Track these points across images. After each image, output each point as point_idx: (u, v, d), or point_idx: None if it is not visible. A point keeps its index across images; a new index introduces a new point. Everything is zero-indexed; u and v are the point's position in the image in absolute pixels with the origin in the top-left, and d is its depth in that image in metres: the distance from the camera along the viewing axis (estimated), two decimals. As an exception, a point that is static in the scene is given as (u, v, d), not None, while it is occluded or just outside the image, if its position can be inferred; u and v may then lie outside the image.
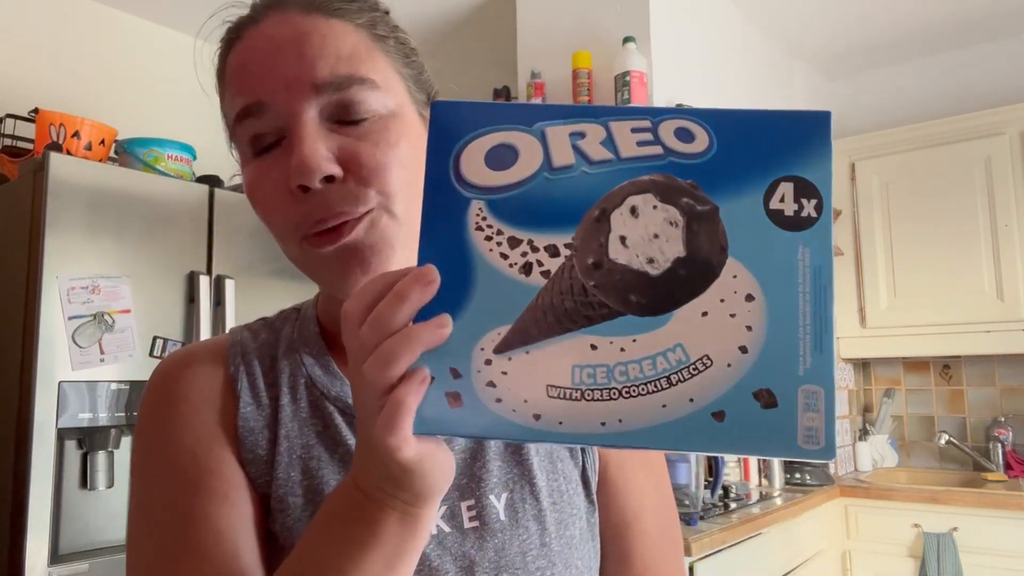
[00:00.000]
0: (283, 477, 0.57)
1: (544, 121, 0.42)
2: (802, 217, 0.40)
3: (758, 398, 0.39)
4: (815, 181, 0.40)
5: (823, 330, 0.39)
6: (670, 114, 0.41)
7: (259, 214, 0.57)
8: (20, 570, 1.63)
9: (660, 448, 0.39)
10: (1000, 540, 2.54)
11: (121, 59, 2.74)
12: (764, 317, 0.39)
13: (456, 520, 0.58)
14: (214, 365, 0.60)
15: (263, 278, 2.14)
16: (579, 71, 2.32)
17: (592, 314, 0.40)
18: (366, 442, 0.42)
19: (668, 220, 0.40)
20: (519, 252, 0.40)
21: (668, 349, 0.39)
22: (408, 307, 0.39)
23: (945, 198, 3.00)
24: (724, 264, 0.39)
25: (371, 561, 0.45)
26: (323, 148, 0.52)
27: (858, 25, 3.03)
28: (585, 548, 0.63)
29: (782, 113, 0.41)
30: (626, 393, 0.39)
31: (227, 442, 0.57)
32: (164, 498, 0.55)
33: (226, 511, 0.54)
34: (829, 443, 0.38)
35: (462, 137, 0.42)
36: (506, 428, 0.40)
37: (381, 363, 0.39)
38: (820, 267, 0.39)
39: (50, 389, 1.70)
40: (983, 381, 3.14)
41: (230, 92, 0.56)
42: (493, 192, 0.41)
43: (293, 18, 0.55)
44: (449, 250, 0.41)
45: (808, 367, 0.39)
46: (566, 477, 0.63)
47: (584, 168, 0.41)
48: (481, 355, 0.40)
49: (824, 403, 0.38)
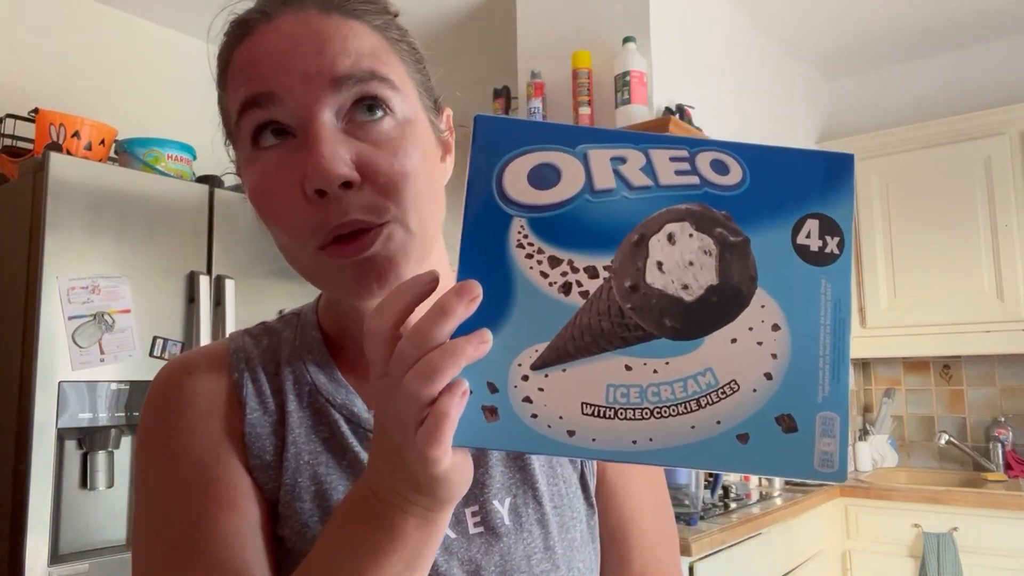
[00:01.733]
0: (291, 483, 0.57)
1: (586, 144, 0.43)
2: (826, 253, 0.42)
3: (780, 423, 0.41)
4: (838, 220, 0.43)
5: (840, 360, 0.41)
6: (707, 146, 0.43)
7: (264, 217, 0.54)
8: (20, 570, 1.63)
9: (687, 467, 0.41)
10: (1000, 540, 2.54)
11: (121, 59, 2.74)
12: (788, 346, 0.41)
13: (461, 526, 0.58)
14: (217, 372, 0.60)
15: (263, 278, 2.14)
16: (579, 71, 2.32)
17: (628, 336, 0.41)
18: (394, 450, 0.42)
19: (703, 249, 0.42)
20: (559, 272, 0.42)
21: (699, 373, 0.41)
22: (451, 322, 0.40)
23: (945, 198, 3.00)
24: (754, 294, 0.41)
25: (390, 566, 0.45)
26: (343, 151, 0.50)
27: (858, 25, 3.03)
28: (586, 550, 0.64)
29: (810, 153, 0.43)
30: (658, 413, 0.41)
31: (233, 449, 0.57)
32: (172, 506, 0.55)
33: (234, 518, 0.54)
34: (842, 467, 0.40)
35: (506, 154, 0.42)
36: (541, 443, 0.41)
37: (424, 376, 0.39)
38: (840, 301, 0.42)
39: (50, 389, 1.70)
40: (983, 381, 3.14)
41: (235, 85, 0.54)
42: (536, 211, 0.42)
43: (312, 17, 0.53)
44: (490, 265, 0.41)
45: (827, 395, 0.41)
46: (566, 481, 0.64)
47: (624, 193, 0.42)
48: (518, 371, 0.41)
49: (840, 429, 0.41)
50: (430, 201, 0.55)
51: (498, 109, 2.59)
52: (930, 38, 3.16)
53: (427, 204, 0.55)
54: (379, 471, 0.45)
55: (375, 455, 0.45)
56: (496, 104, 2.60)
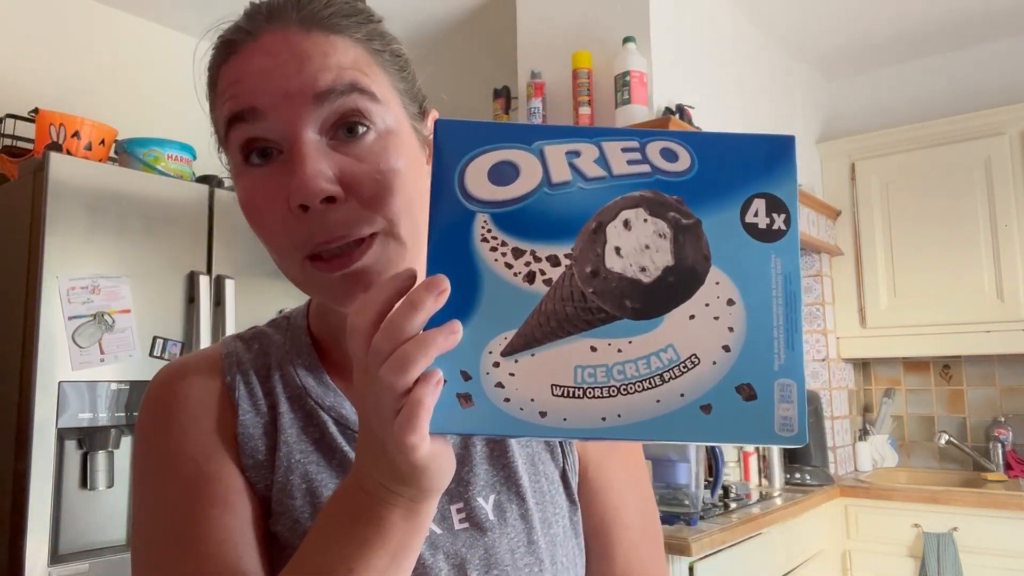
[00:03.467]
0: (283, 481, 0.58)
1: (542, 140, 0.45)
2: (773, 230, 0.44)
3: (740, 392, 0.43)
4: (784, 197, 0.45)
5: (794, 330, 0.44)
6: (656, 136, 0.45)
7: (255, 229, 0.57)
8: (20, 570, 1.63)
9: (655, 439, 0.43)
10: (1000, 540, 2.54)
11: (121, 59, 2.74)
12: (744, 319, 0.44)
13: (447, 522, 0.60)
14: (210, 376, 0.62)
15: (263, 278, 2.14)
16: (579, 71, 2.32)
17: (591, 318, 0.44)
18: (377, 443, 0.44)
19: (657, 232, 0.44)
20: (523, 262, 0.44)
21: (660, 349, 0.43)
22: (422, 314, 0.42)
23: (945, 198, 3.00)
24: (708, 272, 0.44)
25: (377, 558, 0.47)
26: (325, 168, 0.52)
27: (858, 25, 3.03)
28: (568, 545, 0.65)
29: (753, 137, 0.45)
30: (624, 390, 0.43)
31: (226, 449, 0.58)
32: (167, 505, 0.57)
33: (227, 515, 0.56)
34: (801, 430, 0.43)
35: (466, 154, 0.45)
36: (515, 425, 0.43)
37: (398, 367, 0.41)
38: (790, 274, 0.44)
39: (50, 389, 1.70)
40: (983, 381, 3.14)
41: (221, 101, 0.56)
42: (497, 206, 0.44)
43: (293, 35, 0.54)
44: (457, 260, 0.44)
45: (782, 363, 0.43)
46: (547, 478, 0.66)
47: (580, 184, 0.45)
48: (489, 358, 0.43)
49: (796, 394, 0.43)
50: (418, 206, 0.57)
51: (498, 109, 2.59)
52: (930, 38, 3.16)
53: (415, 210, 0.56)
54: (364, 465, 0.46)
55: (360, 450, 0.47)
56: (496, 104, 2.60)
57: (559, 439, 0.67)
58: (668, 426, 0.43)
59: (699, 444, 2.01)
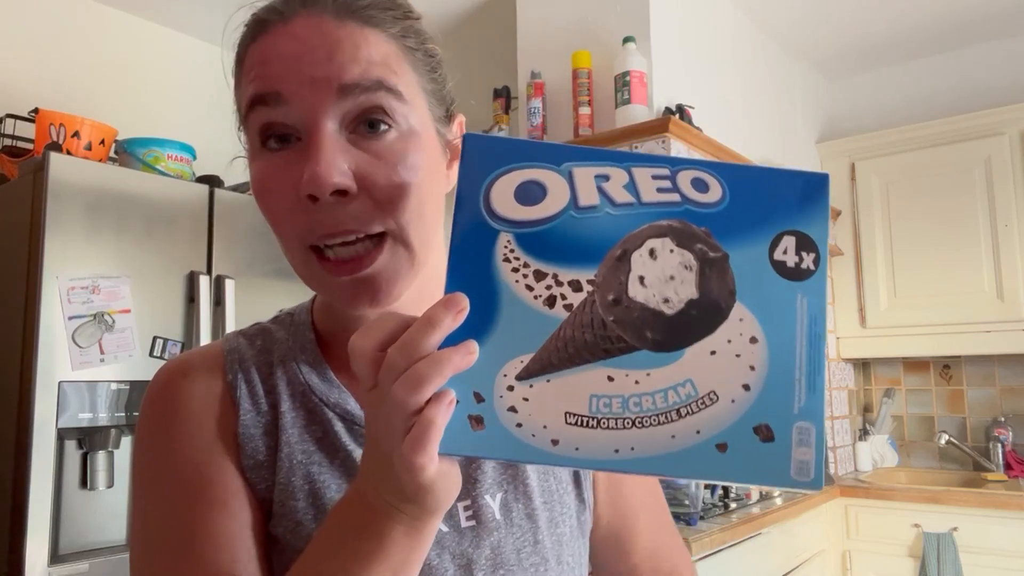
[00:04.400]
0: (284, 482, 0.57)
1: (571, 162, 0.44)
2: (802, 269, 0.43)
3: (758, 432, 0.42)
4: (814, 237, 0.44)
5: (816, 372, 0.43)
6: (688, 164, 0.45)
7: (263, 212, 0.56)
8: (20, 570, 1.62)
9: (668, 475, 0.42)
10: (1000, 540, 2.54)
11: (121, 59, 2.74)
12: (766, 358, 0.43)
13: (453, 520, 0.60)
14: (211, 374, 0.61)
15: (263, 278, 2.14)
16: (579, 71, 2.32)
17: (610, 347, 0.43)
18: (383, 459, 0.43)
19: (683, 264, 0.43)
20: (544, 285, 0.43)
21: (679, 384, 0.43)
22: (438, 333, 0.41)
23: (945, 198, 3.00)
24: (732, 308, 0.43)
25: (378, 572, 0.46)
26: (340, 161, 0.51)
27: (858, 25, 3.03)
28: (575, 545, 0.66)
29: (788, 172, 0.45)
30: (639, 423, 0.42)
31: (227, 450, 0.58)
32: (165, 508, 0.56)
33: (225, 519, 0.55)
34: (818, 476, 0.42)
35: (493, 171, 0.44)
36: (525, 452, 0.42)
37: (411, 385, 0.40)
38: (816, 315, 0.43)
39: (50, 389, 1.70)
40: (983, 381, 3.14)
41: (246, 80, 0.55)
42: (521, 226, 0.44)
43: (326, 22, 0.53)
44: (477, 279, 0.43)
45: (803, 405, 0.42)
46: (556, 477, 0.66)
47: (608, 209, 0.44)
48: (504, 381, 0.43)
49: (815, 439, 0.42)
50: (429, 211, 0.56)
51: (498, 109, 2.59)
52: (930, 38, 3.16)
53: (426, 214, 0.55)
54: (369, 479, 0.46)
55: (365, 463, 0.46)
56: (496, 104, 2.60)
57: (570, 468, 0.67)
58: (682, 463, 0.42)
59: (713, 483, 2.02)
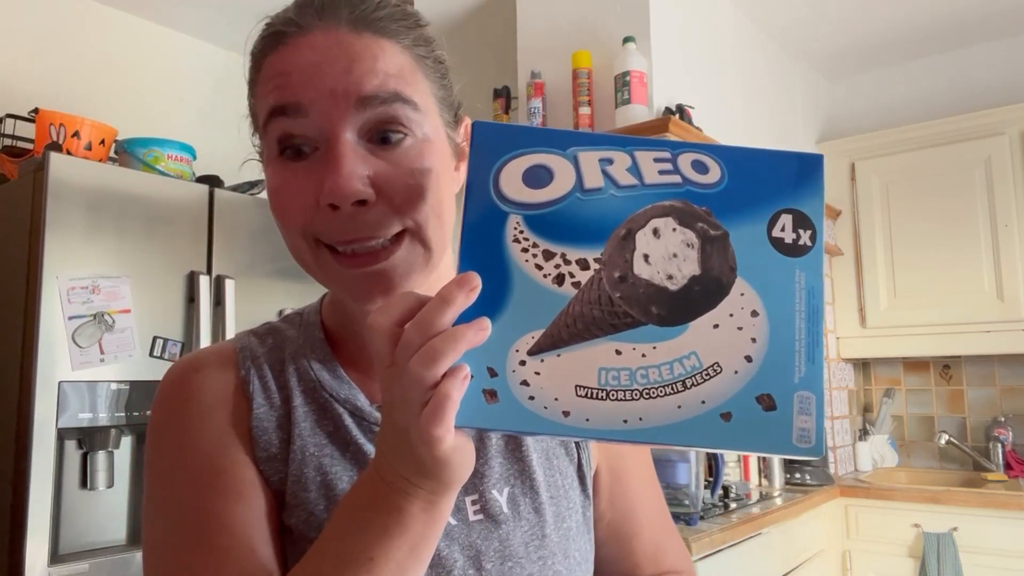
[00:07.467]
0: (297, 474, 0.59)
1: (576, 146, 0.46)
2: (799, 245, 0.45)
3: (760, 402, 0.44)
4: (810, 214, 0.46)
5: (815, 344, 0.44)
6: (688, 148, 0.46)
7: (276, 215, 0.57)
8: (20, 570, 1.62)
9: (675, 444, 0.44)
10: (1000, 540, 2.54)
11: (121, 59, 2.74)
12: (767, 331, 0.44)
13: (461, 513, 0.61)
14: (224, 369, 0.62)
15: (263, 278, 2.14)
16: (579, 71, 2.32)
17: (617, 323, 0.45)
18: (400, 435, 0.45)
19: (685, 242, 0.45)
20: (552, 264, 0.45)
21: (684, 356, 0.44)
22: (453, 310, 0.43)
23: (945, 198, 3.00)
24: (733, 283, 0.45)
25: (396, 548, 0.48)
26: (360, 170, 0.53)
27: (858, 25, 3.03)
28: (582, 540, 0.67)
29: (783, 153, 0.46)
30: (647, 394, 0.44)
31: (240, 442, 0.59)
32: (180, 499, 0.57)
33: (240, 508, 0.56)
34: (819, 442, 0.43)
35: (502, 156, 0.46)
36: (538, 423, 0.44)
37: (427, 360, 0.42)
38: (814, 289, 0.45)
39: (50, 389, 1.70)
40: (983, 381, 3.14)
41: (264, 91, 0.56)
42: (530, 208, 0.45)
43: (343, 35, 0.55)
44: (489, 259, 0.45)
45: (803, 375, 0.44)
46: (562, 473, 0.68)
47: (612, 191, 0.46)
48: (516, 356, 0.44)
49: (816, 408, 0.44)
50: (444, 212, 0.58)
51: (498, 109, 2.59)
52: (930, 38, 3.16)
53: (443, 214, 0.58)
54: (386, 456, 0.47)
55: (382, 441, 0.48)
56: (496, 104, 2.60)
57: (581, 439, 0.69)
58: (688, 432, 0.43)
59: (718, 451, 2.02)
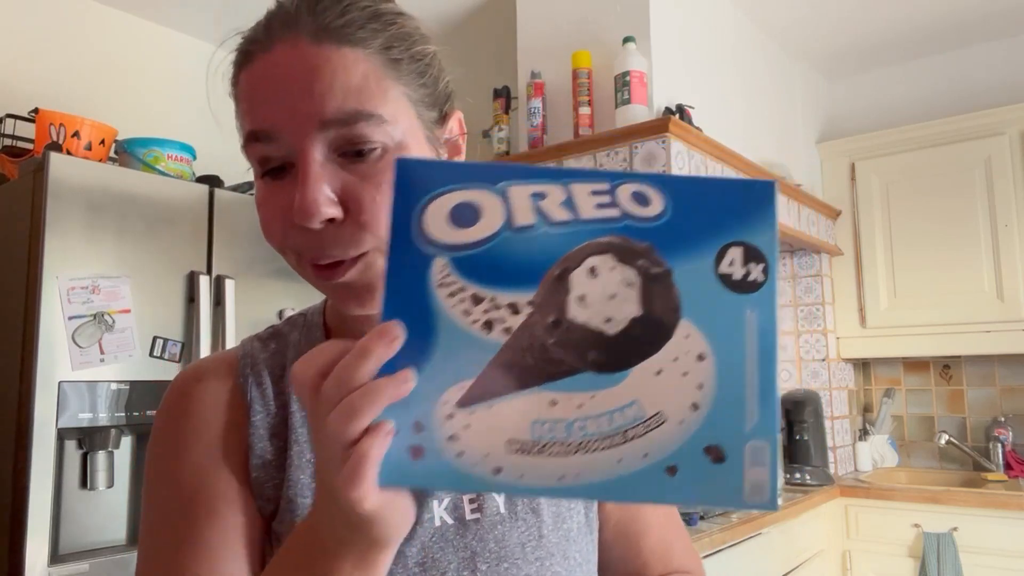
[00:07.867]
0: (294, 479, 0.60)
1: (507, 181, 0.43)
2: (749, 281, 0.41)
3: (708, 453, 0.40)
4: (762, 247, 0.42)
5: (768, 388, 0.41)
6: (628, 178, 0.43)
7: (262, 230, 0.59)
8: (20, 570, 1.62)
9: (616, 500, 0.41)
10: (1000, 540, 2.54)
11: (121, 59, 2.74)
12: (714, 376, 0.41)
13: (458, 512, 0.61)
14: (224, 377, 0.64)
15: (263, 278, 2.14)
16: (579, 71, 2.32)
17: (552, 370, 0.41)
18: (327, 491, 0.43)
19: (625, 281, 0.41)
20: (481, 309, 0.42)
21: (625, 405, 0.41)
22: (371, 363, 0.40)
23: (945, 198, 3.00)
24: (677, 324, 0.41)
25: None
26: (326, 189, 0.53)
27: (858, 25, 3.03)
28: (583, 542, 0.67)
29: (731, 181, 0.42)
30: (584, 448, 0.41)
31: (233, 452, 0.60)
32: (162, 513, 0.59)
33: (214, 527, 0.57)
34: (773, 496, 0.40)
35: (426, 195, 0.42)
36: (468, 481, 0.41)
37: (344, 417, 0.39)
38: (766, 329, 0.41)
39: (50, 389, 1.70)
40: (983, 381, 3.14)
41: (241, 109, 0.57)
42: (457, 249, 0.42)
43: (303, 48, 0.54)
44: (412, 306, 0.41)
45: (755, 423, 0.40)
46: None
47: (545, 228, 0.42)
48: (444, 409, 0.41)
49: (769, 457, 0.40)
50: None
51: (498, 109, 2.59)
52: (930, 38, 3.16)
53: None
54: (319, 510, 0.46)
55: (315, 492, 0.46)
56: (496, 104, 2.60)
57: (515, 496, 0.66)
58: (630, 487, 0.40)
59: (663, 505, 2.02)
